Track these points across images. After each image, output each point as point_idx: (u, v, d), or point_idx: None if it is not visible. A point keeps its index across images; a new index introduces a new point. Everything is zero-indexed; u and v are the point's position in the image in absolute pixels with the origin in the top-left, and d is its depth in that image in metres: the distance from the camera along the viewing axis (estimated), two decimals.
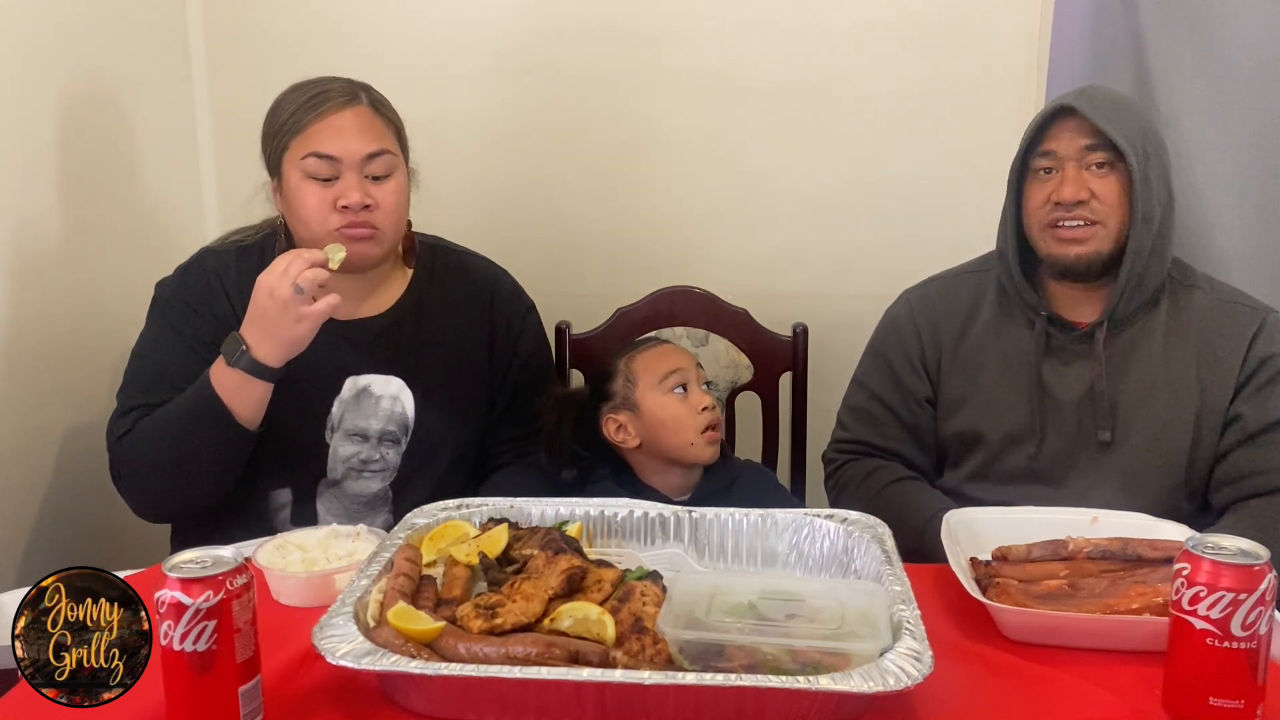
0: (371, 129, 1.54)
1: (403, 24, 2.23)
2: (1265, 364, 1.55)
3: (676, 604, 1.04)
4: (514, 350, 1.72)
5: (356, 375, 1.62)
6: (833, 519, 1.28)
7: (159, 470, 1.52)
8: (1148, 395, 1.56)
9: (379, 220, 1.53)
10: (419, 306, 1.66)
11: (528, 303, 1.77)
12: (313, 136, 1.51)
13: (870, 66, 2.20)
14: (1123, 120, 1.52)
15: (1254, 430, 1.54)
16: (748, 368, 2.06)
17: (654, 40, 2.22)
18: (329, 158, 1.51)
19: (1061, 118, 1.55)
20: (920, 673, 0.93)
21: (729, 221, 2.29)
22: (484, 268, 1.76)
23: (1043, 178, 1.57)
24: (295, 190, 1.53)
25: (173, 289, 1.62)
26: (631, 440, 1.62)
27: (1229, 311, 1.59)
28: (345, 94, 1.54)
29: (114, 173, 1.99)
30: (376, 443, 1.63)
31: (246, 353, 1.44)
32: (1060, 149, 1.54)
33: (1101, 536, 1.25)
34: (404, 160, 1.59)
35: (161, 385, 1.55)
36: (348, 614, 1.03)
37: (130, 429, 1.54)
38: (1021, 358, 1.62)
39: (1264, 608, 0.95)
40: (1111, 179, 1.53)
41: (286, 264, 1.41)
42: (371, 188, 1.53)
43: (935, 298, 1.71)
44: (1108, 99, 1.55)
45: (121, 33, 2.01)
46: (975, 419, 1.64)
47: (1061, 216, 1.54)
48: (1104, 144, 1.52)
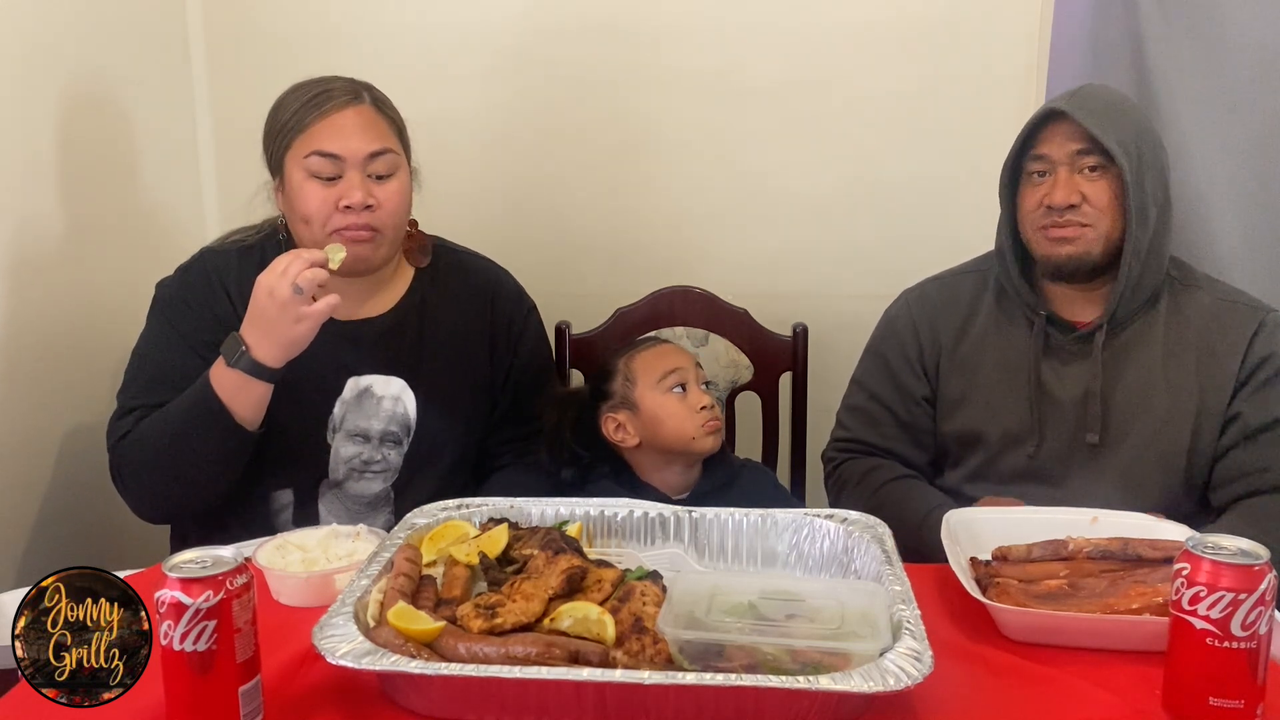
0: (374, 128, 1.54)
1: (403, 24, 2.23)
2: (1265, 363, 1.55)
3: (676, 604, 1.04)
4: (515, 351, 1.72)
5: (358, 376, 1.62)
6: (833, 519, 1.28)
7: (159, 471, 1.52)
8: (1147, 395, 1.57)
9: (380, 221, 1.53)
10: (421, 307, 1.66)
11: (529, 304, 1.77)
12: (316, 135, 1.51)
13: (870, 66, 2.20)
14: (1115, 123, 1.52)
15: (1254, 429, 1.54)
16: (748, 368, 2.06)
17: (654, 40, 2.22)
18: (332, 156, 1.51)
19: (1053, 121, 1.55)
20: (920, 673, 0.93)
21: (729, 221, 2.29)
22: (485, 268, 1.76)
23: (1036, 181, 1.58)
24: (298, 189, 1.53)
25: (173, 289, 1.62)
26: (631, 439, 1.62)
27: (1229, 311, 1.59)
28: (348, 93, 1.54)
29: (114, 173, 2.00)
30: (378, 443, 1.62)
31: (246, 353, 1.44)
32: (1052, 153, 1.55)
33: (1101, 536, 1.25)
34: (406, 159, 1.59)
35: (162, 385, 1.54)
36: (348, 614, 1.03)
37: (130, 430, 1.53)
38: (1020, 358, 1.62)
39: (1264, 608, 0.95)
40: (1103, 182, 1.53)
41: (286, 264, 1.41)
42: (374, 187, 1.53)
43: (934, 297, 1.72)
44: (1101, 101, 1.55)
45: (121, 33, 2.01)
46: (974, 418, 1.64)
47: (1054, 220, 1.55)
48: (1095, 148, 1.52)
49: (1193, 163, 2.08)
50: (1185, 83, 2.07)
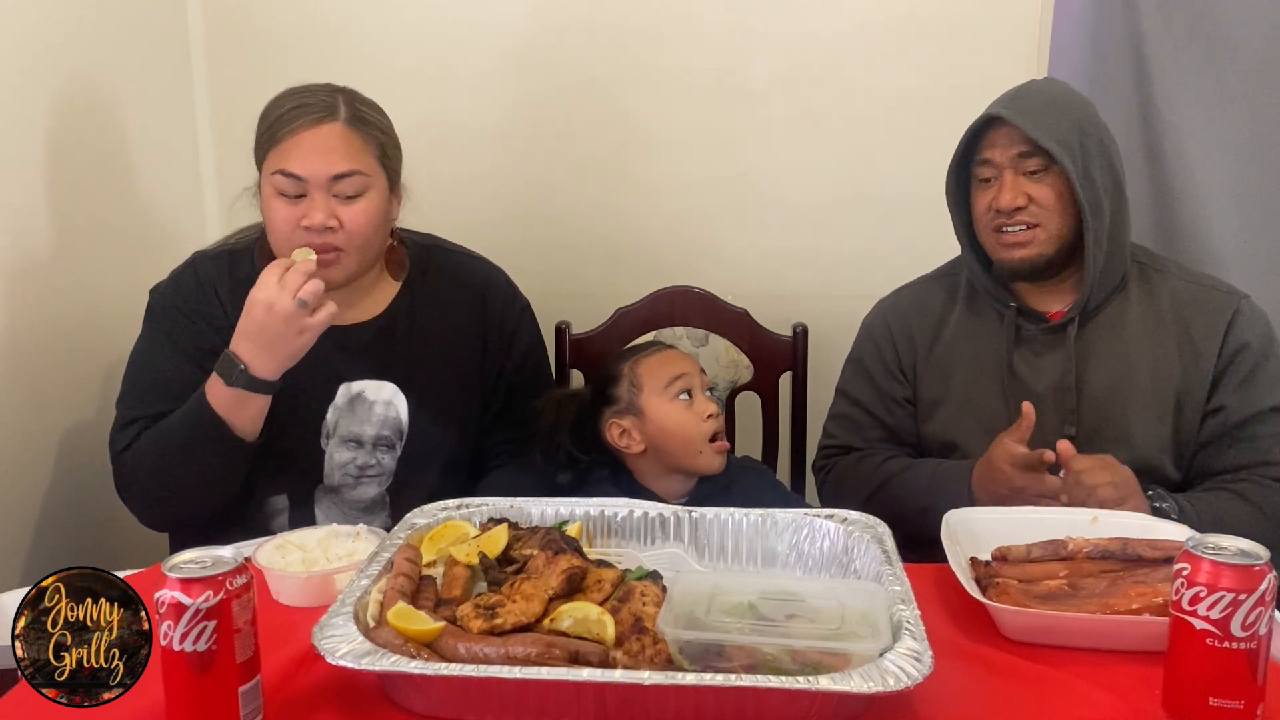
0: (343, 148, 1.50)
1: (403, 24, 2.23)
2: (1243, 352, 1.56)
3: (676, 604, 1.04)
4: (508, 351, 1.71)
5: (350, 381, 1.61)
6: (833, 519, 1.28)
7: (162, 487, 1.52)
8: (1129, 377, 1.58)
9: (343, 241, 1.51)
10: (411, 310, 1.65)
11: (522, 302, 1.76)
12: (283, 153, 1.49)
13: (870, 66, 2.20)
14: (1055, 122, 1.54)
15: (1235, 422, 1.55)
16: (748, 368, 2.06)
17: (654, 41, 2.22)
18: (295, 177, 1.48)
19: (994, 125, 1.58)
20: (920, 673, 0.93)
21: (729, 221, 2.29)
22: (476, 268, 1.74)
23: (983, 186, 1.61)
24: (267, 204, 1.52)
25: (166, 296, 1.62)
26: (636, 446, 1.61)
27: (1204, 295, 1.60)
28: (322, 109, 1.50)
29: (113, 174, 1.99)
30: (372, 448, 1.62)
31: (244, 370, 1.43)
32: (995, 157, 1.58)
33: (1101, 536, 1.25)
34: (385, 176, 1.55)
35: (159, 394, 1.55)
36: (348, 614, 1.03)
37: (131, 443, 1.54)
38: (993, 352, 1.64)
39: (1264, 608, 0.95)
40: (1047, 182, 1.55)
41: (278, 276, 1.41)
42: (339, 207, 1.50)
43: (906, 303, 1.76)
44: (1041, 100, 1.57)
45: (121, 33, 2.01)
46: (952, 417, 1.66)
47: (1003, 223, 1.58)
48: (1036, 150, 1.54)
49: (1192, 162, 2.08)
50: (1185, 82, 2.07)
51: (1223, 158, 2.08)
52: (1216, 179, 2.09)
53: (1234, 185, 2.10)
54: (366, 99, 1.57)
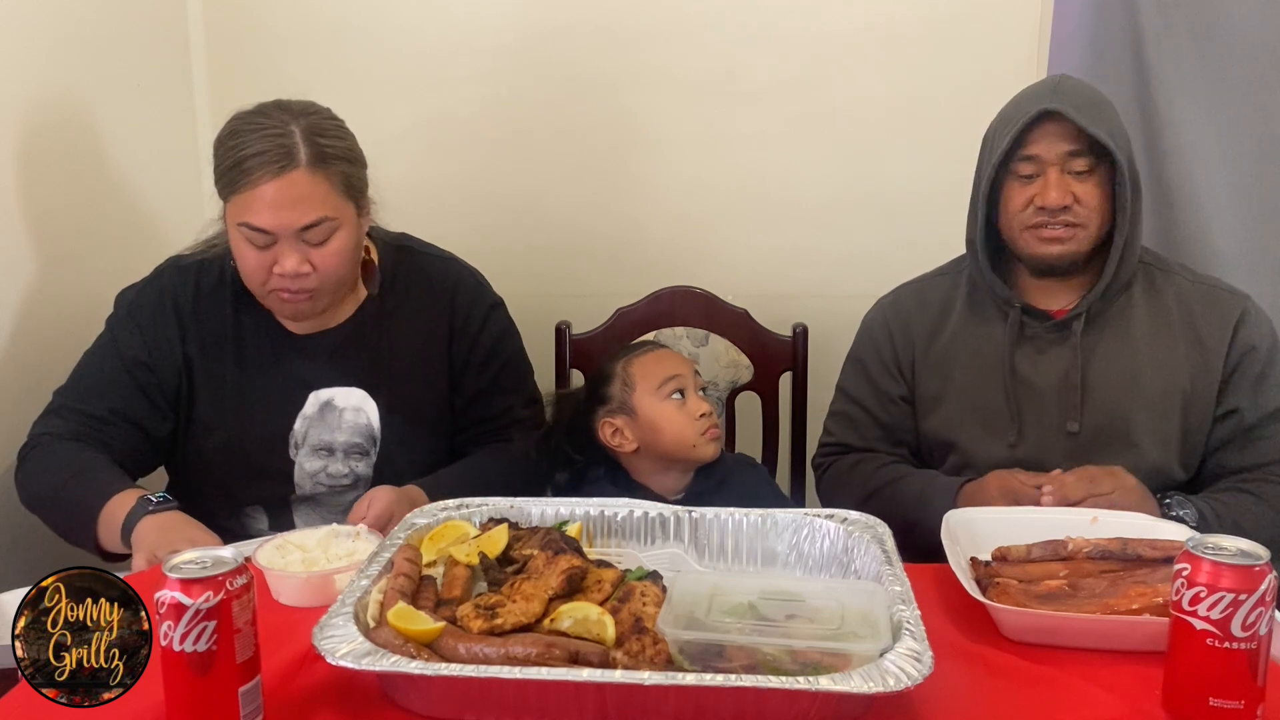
0: (308, 198, 1.45)
1: (403, 24, 2.23)
2: (1250, 354, 1.56)
3: (676, 604, 1.04)
4: (473, 345, 1.68)
5: (318, 389, 1.60)
6: (833, 519, 1.28)
7: (39, 510, 1.55)
8: (1135, 377, 1.58)
9: (316, 283, 1.50)
10: (379, 314, 1.64)
11: (491, 300, 1.73)
12: (245, 206, 1.45)
13: (870, 67, 2.20)
14: (1103, 118, 1.53)
15: (1250, 424, 1.55)
16: (747, 368, 2.06)
17: (654, 41, 2.22)
18: (262, 231, 1.46)
19: (1043, 120, 1.55)
20: (920, 673, 0.93)
21: (729, 221, 2.29)
22: (445, 269, 1.71)
23: (1024, 182, 1.57)
24: (235, 246, 1.51)
25: (127, 305, 1.62)
26: (628, 445, 1.61)
27: (1210, 295, 1.60)
28: (280, 156, 1.43)
29: (113, 174, 1.99)
30: (343, 456, 1.61)
31: (131, 531, 1.39)
32: (1043, 153, 1.55)
33: (1101, 536, 1.25)
34: (353, 205, 1.52)
35: (91, 396, 1.57)
36: (348, 614, 1.03)
37: (40, 443, 1.55)
38: (994, 349, 1.64)
39: (1264, 608, 0.95)
40: (1092, 182, 1.54)
41: None
42: (310, 252, 1.48)
43: (906, 301, 1.75)
44: (1085, 97, 1.56)
45: (121, 33, 2.01)
46: (952, 414, 1.66)
47: (1045, 220, 1.55)
48: (1085, 148, 1.53)
49: (1192, 163, 2.08)
50: (1185, 82, 2.07)
51: (1222, 158, 2.08)
52: (1216, 179, 2.09)
53: (1234, 185, 2.10)
54: (323, 121, 1.50)
